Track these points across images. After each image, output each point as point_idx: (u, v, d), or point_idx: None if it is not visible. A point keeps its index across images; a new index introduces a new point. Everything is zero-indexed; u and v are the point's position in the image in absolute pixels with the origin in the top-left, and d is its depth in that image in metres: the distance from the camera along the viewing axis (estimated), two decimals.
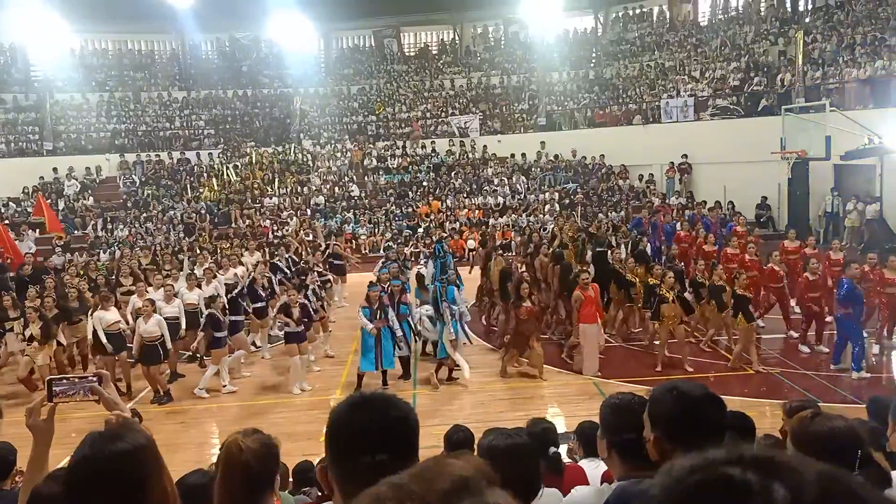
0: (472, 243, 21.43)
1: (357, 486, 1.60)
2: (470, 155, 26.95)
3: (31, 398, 10.65)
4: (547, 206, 23.30)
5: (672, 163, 23.77)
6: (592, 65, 29.97)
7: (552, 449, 3.58)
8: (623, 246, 14.40)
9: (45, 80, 27.52)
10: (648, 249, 14.79)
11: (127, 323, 11.28)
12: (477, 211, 23.91)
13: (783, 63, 22.66)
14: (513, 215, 23.19)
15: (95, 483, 1.53)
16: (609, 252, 13.27)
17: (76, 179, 24.90)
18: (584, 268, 11.67)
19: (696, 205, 20.20)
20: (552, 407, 9.88)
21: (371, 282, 11.22)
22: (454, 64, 31.89)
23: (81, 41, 29.69)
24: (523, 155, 26.39)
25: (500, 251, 14.49)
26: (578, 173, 25.33)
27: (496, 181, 25.22)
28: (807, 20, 24.32)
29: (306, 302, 10.98)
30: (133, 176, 25.63)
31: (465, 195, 24.76)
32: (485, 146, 27.09)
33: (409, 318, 10.98)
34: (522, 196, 24.54)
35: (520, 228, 22.00)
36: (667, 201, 22.31)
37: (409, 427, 1.69)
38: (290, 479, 5.83)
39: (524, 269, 13.33)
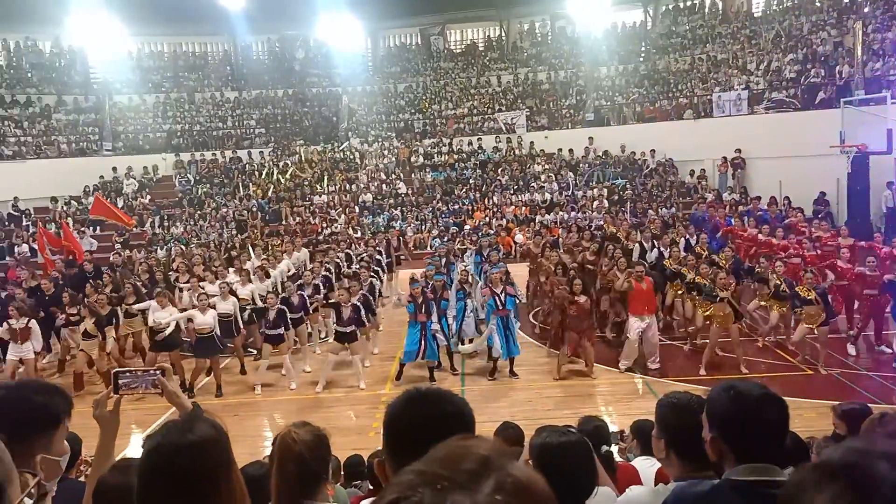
0: (520, 237, 21.37)
1: None
2: (517, 151, 26.84)
3: (87, 390, 11.05)
4: (595, 203, 23.05)
5: (724, 157, 23.24)
6: (642, 59, 29.49)
7: (604, 448, 3.56)
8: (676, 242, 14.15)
9: (105, 82, 28.40)
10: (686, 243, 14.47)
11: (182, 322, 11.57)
12: (524, 208, 23.80)
13: (841, 54, 21.92)
14: (560, 212, 23.01)
15: (167, 471, 1.59)
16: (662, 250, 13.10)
17: (134, 178, 25.66)
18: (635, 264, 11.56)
19: (752, 200, 19.73)
20: (602, 405, 9.80)
21: (412, 278, 11.35)
22: (500, 60, 31.77)
23: (138, 44, 30.54)
24: (570, 151, 26.15)
25: (551, 248, 14.41)
26: (627, 169, 24.98)
27: (543, 177, 25.06)
28: (865, 10, 23.45)
29: (358, 304, 11.02)
30: (188, 175, 26.29)
31: (511, 192, 24.67)
32: (532, 142, 26.94)
33: (447, 314, 11.10)
34: (570, 192, 24.33)
35: (567, 225, 21.84)
36: (721, 197, 21.83)
37: (464, 422, 1.71)
38: (342, 473, 5.92)
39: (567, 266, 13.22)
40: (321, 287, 12.66)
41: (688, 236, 14.95)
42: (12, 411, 1.91)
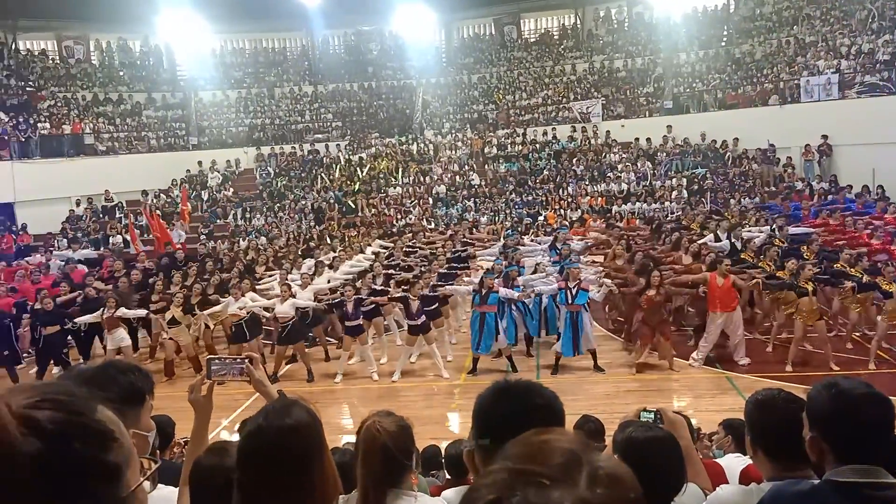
0: (594, 234, 21.03)
1: None
2: (592, 141, 26.41)
3: (177, 375, 11.58)
4: (674, 193, 22.47)
5: (807, 145, 22.24)
6: (724, 43, 28.45)
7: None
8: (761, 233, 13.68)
9: (190, 79, 29.51)
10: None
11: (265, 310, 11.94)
12: (599, 198, 23.43)
13: None
14: (637, 202, 22.54)
15: (266, 453, 1.66)
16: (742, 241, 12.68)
17: (218, 172, 26.61)
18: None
19: (840, 189, 18.82)
20: (682, 400, 9.59)
21: (488, 269, 11.37)
22: (576, 49, 31.28)
23: (221, 41, 31.57)
24: (648, 140, 25.54)
25: (627, 239, 14.18)
26: (708, 158, 24.21)
27: (620, 167, 24.59)
28: None
29: (429, 295, 11.11)
30: (268, 168, 27.07)
31: (586, 182, 24.32)
32: (607, 131, 26.45)
33: (516, 305, 11.07)
34: (647, 182, 23.79)
35: (644, 216, 21.39)
36: (810, 186, 20.90)
37: (553, 414, 1.72)
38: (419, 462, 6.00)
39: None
40: (391, 279, 12.82)
41: (769, 227, 14.41)
42: (102, 390, 2.03)
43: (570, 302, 10.47)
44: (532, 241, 16.32)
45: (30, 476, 0.78)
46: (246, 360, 2.45)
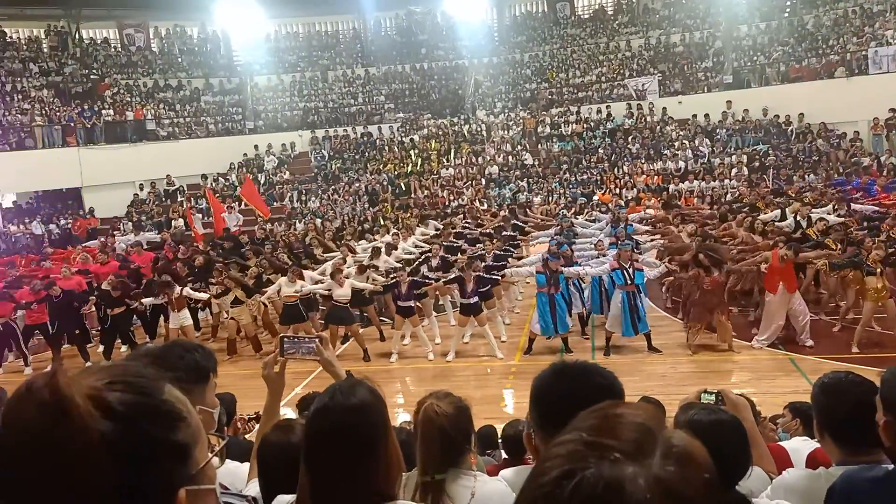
0: (650, 211, 20.65)
1: None
2: (648, 118, 25.85)
3: (239, 354, 11.88)
4: (734, 171, 21.85)
5: (876, 118, 21.29)
6: (787, 14, 27.38)
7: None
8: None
9: (246, 64, 29.97)
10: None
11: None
12: (656, 177, 22.96)
13: None
14: (695, 181, 22.00)
15: (331, 432, 1.70)
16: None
17: (274, 155, 27.05)
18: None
19: None
20: (742, 381, 9.38)
21: (551, 251, 11.28)
22: (631, 24, 30.56)
23: (275, 26, 31.93)
24: (706, 116, 24.85)
25: (684, 218, 13.89)
26: (770, 133, 23.43)
27: (677, 145, 24.02)
28: None
29: (482, 275, 11.09)
30: (322, 150, 27.37)
31: (642, 160, 23.85)
32: (664, 108, 25.84)
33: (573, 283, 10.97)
34: (706, 160, 23.18)
35: (702, 194, 20.89)
36: (878, 161, 20.05)
37: (613, 396, 1.70)
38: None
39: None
40: (446, 260, 12.84)
41: (835, 204, 13.90)
42: (169, 368, 2.10)
43: (627, 282, 10.34)
44: (587, 220, 16.12)
45: (102, 456, 0.80)
46: (317, 340, 2.50)
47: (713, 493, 0.79)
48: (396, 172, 25.31)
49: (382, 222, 18.66)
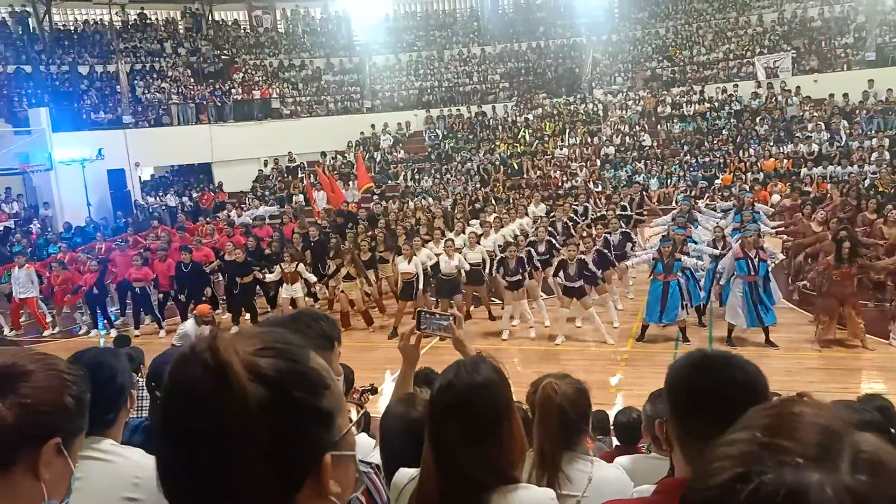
0: (776, 197, 19.53)
1: (698, 445, 1.59)
2: (779, 98, 24.34)
3: (352, 326, 12.25)
4: (874, 155, 20.24)
5: None
6: None
7: (893, 430, 3.18)
8: None
9: (365, 44, 30.63)
10: None
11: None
12: (785, 161, 21.63)
13: None
14: (829, 165, 20.57)
15: (456, 408, 1.72)
16: None
17: (390, 134, 27.56)
18: None
19: None
20: (876, 382, 8.75)
21: (664, 236, 10.93)
22: None
23: (395, 6, 32.41)
24: (845, 96, 23.10)
25: (815, 206, 13.04)
26: None
27: (811, 126, 22.50)
28: None
29: (586, 259, 10.83)
30: (436, 130, 27.62)
31: (771, 143, 22.53)
32: (797, 87, 24.23)
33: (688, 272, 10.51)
34: (842, 143, 21.59)
35: (838, 180, 19.51)
36: None
37: (755, 391, 1.62)
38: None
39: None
40: (554, 243, 12.65)
41: None
42: (299, 335, 2.17)
43: (750, 272, 9.81)
44: (707, 206, 15.44)
45: (256, 419, 0.84)
46: (450, 318, 2.53)
47: None
48: (509, 152, 25.18)
49: (494, 202, 18.61)
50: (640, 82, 27.20)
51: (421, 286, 11.74)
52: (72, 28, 28.14)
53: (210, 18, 29.97)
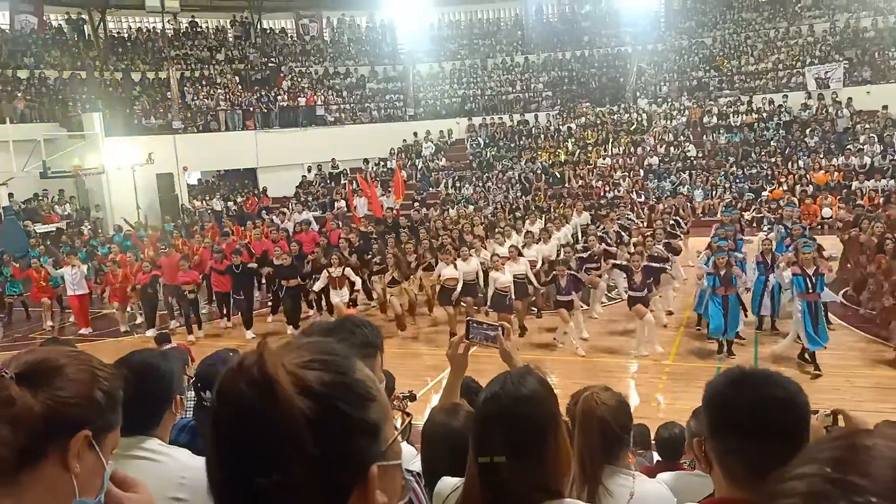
0: (827, 211, 19.06)
1: (738, 463, 1.56)
2: (830, 109, 23.76)
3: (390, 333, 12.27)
4: None
5: None
6: None
7: None
8: None
9: (409, 52, 30.87)
10: None
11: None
12: (836, 173, 21.09)
13: None
14: (882, 179, 19.99)
15: (501, 419, 1.71)
16: None
17: (432, 142, 27.68)
18: None
19: None
20: None
21: (719, 247, 10.68)
22: (815, 6, 28.17)
23: (439, 15, 32.60)
24: None
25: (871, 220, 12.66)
26: None
27: (862, 139, 21.91)
28: None
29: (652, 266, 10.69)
30: (478, 138, 27.64)
31: (821, 155, 22.00)
32: (849, 98, 23.63)
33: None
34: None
35: (890, 194, 18.95)
36: None
37: (794, 409, 1.58)
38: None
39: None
40: (604, 254, 12.53)
41: None
42: (345, 344, 2.18)
43: (808, 290, 9.34)
44: (755, 218, 15.13)
45: (303, 433, 0.85)
46: (499, 329, 2.52)
47: None
48: (551, 161, 25.06)
49: (534, 210, 18.53)
50: (675, 92, 26.85)
51: (458, 293, 11.71)
52: (125, 35, 29.01)
53: (258, 26, 30.57)
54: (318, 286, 12.80)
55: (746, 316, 10.52)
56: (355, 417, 0.89)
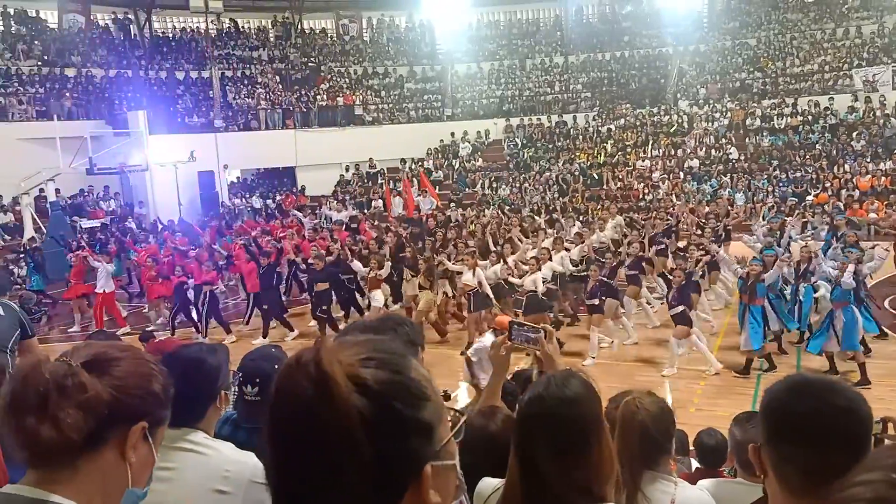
0: (873, 216, 18.58)
1: (793, 471, 1.53)
2: (877, 112, 23.15)
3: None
4: None
5: None
6: None
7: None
8: None
9: (448, 52, 30.88)
10: None
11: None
12: (883, 178, 20.54)
13: None
14: None
15: (542, 423, 1.70)
16: None
17: (469, 142, 27.65)
18: None
19: None
20: None
21: (754, 256, 10.49)
22: (863, 8, 27.45)
23: (478, 15, 32.53)
24: None
25: None
26: None
27: None
28: None
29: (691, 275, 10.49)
30: (516, 139, 27.54)
31: (867, 159, 21.45)
32: None
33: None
34: None
35: None
36: None
37: (856, 419, 1.54)
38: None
39: None
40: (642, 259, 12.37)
41: None
42: (388, 339, 2.19)
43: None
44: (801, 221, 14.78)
45: (358, 431, 0.84)
46: (541, 332, 2.51)
47: None
48: (589, 163, 24.86)
49: (571, 212, 18.39)
50: (716, 94, 26.40)
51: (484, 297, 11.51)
52: (170, 35, 29.58)
53: (299, 27, 30.91)
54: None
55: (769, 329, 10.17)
56: (410, 417, 0.89)
